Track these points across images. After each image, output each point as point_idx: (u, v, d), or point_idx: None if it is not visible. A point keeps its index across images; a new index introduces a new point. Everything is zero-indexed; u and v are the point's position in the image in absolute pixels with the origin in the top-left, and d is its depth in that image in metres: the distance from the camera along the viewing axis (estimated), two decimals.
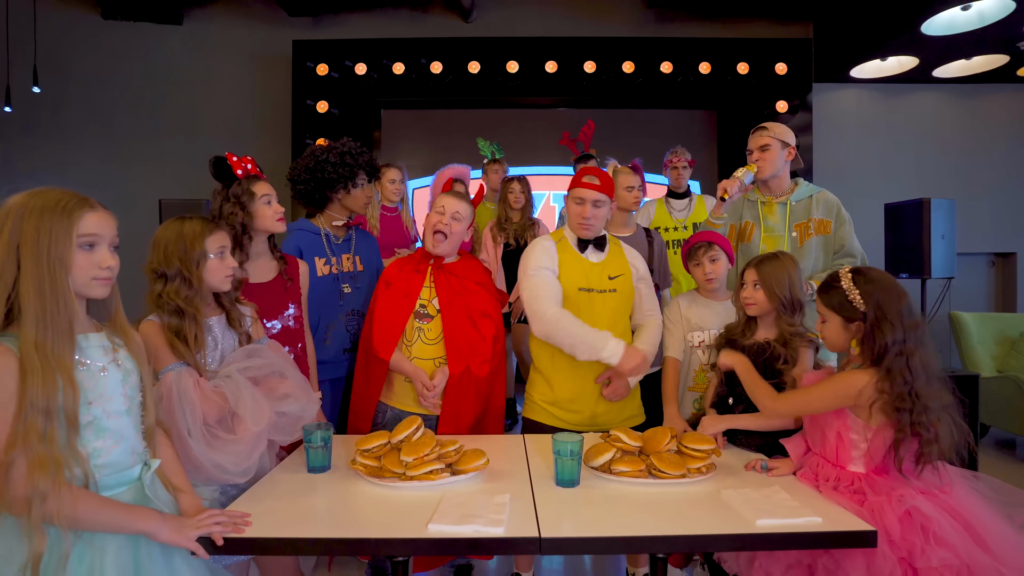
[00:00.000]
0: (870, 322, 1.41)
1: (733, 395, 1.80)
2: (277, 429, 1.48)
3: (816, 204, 2.28)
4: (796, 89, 4.81)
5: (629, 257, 2.07)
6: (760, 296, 1.79)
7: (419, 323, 1.99)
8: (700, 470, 1.47)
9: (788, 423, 1.66)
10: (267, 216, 1.88)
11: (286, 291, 1.93)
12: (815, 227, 2.26)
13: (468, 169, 3.58)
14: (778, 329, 1.79)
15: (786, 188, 2.34)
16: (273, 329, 1.89)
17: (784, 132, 2.30)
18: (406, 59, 4.74)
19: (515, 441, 1.82)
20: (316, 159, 2.22)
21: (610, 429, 1.92)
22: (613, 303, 1.98)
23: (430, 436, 1.48)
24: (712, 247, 2.02)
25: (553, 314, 1.86)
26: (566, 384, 1.97)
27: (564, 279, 1.96)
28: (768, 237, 2.31)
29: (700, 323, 2.06)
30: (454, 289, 2.01)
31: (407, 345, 1.99)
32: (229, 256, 1.53)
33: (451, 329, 1.96)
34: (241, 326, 1.56)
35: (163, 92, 5.08)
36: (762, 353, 1.75)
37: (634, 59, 4.76)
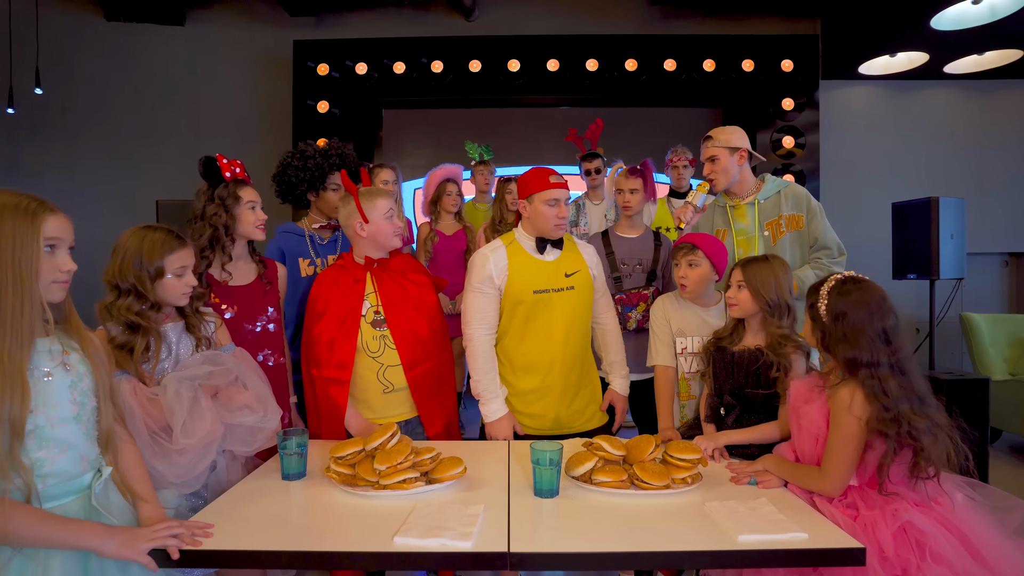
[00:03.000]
0: (828, 333, 1.39)
1: (724, 405, 1.74)
2: (234, 440, 1.44)
3: (785, 199, 2.21)
4: (803, 86, 4.71)
5: (584, 253, 2.04)
6: (744, 297, 1.73)
7: (379, 331, 1.90)
8: (685, 480, 1.42)
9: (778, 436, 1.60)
10: (249, 222, 1.86)
11: (265, 294, 1.91)
12: (787, 223, 2.19)
13: (460, 169, 3.53)
14: (766, 333, 1.73)
15: (751, 188, 2.26)
16: (253, 333, 1.86)
17: (730, 137, 2.21)
18: (407, 58, 4.71)
19: (499, 447, 1.78)
20: (282, 163, 2.25)
21: (572, 433, 1.90)
22: (572, 301, 1.94)
23: (405, 443, 1.43)
24: (694, 251, 1.93)
25: (476, 344, 1.94)
26: (527, 383, 1.96)
27: (517, 284, 1.92)
28: (741, 240, 2.24)
29: (682, 328, 2.00)
30: (399, 286, 1.96)
31: (374, 356, 1.89)
32: (189, 275, 1.49)
33: (401, 330, 1.91)
34: (200, 331, 1.53)
35: (165, 93, 5.09)
36: (754, 362, 1.69)
37: (637, 57, 4.70)
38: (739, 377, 1.72)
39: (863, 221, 4.80)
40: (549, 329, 1.92)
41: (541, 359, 1.93)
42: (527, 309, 1.92)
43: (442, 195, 3.45)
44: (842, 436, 1.32)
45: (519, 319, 1.94)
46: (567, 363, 1.93)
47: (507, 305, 1.95)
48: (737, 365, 1.72)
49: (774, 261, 1.75)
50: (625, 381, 2.07)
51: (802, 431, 1.42)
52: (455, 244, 3.48)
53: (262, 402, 1.53)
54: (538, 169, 1.96)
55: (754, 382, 1.69)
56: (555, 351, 1.92)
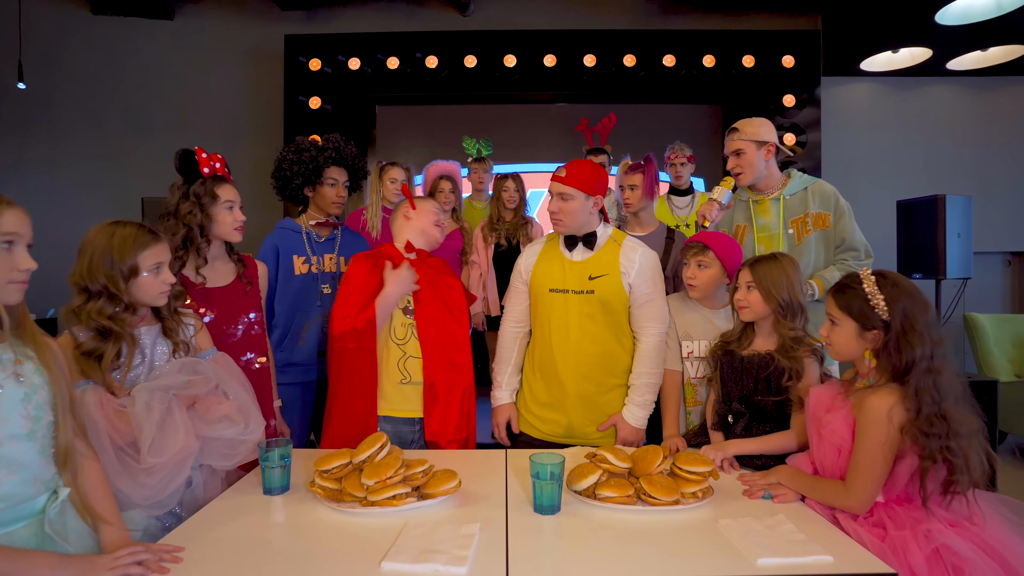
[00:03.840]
0: (895, 333, 1.26)
1: (732, 412, 1.65)
2: (213, 453, 1.34)
3: (812, 197, 2.10)
4: (804, 83, 4.63)
5: (623, 257, 1.83)
6: (754, 298, 1.64)
7: (408, 319, 1.85)
8: (695, 495, 1.32)
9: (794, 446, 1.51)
10: (226, 223, 1.74)
11: (246, 295, 1.80)
12: (813, 222, 2.08)
13: (457, 166, 3.43)
14: (778, 336, 1.64)
15: (777, 183, 2.15)
16: (234, 336, 1.76)
17: (757, 130, 2.10)
18: (401, 53, 4.60)
19: (496, 457, 1.68)
20: (280, 157, 2.16)
21: (587, 443, 1.80)
22: (591, 305, 1.81)
23: (395, 456, 1.33)
24: (705, 252, 1.82)
25: (500, 332, 2.00)
26: (542, 386, 1.89)
27: (538, 280, 1.87)
28: (763, 237, 2.14)
29: (689, 331, 1.90)
30: (433, 281, 1.90)
31: (399, 344, 1.83)
32: (166, 271, 1.38)
33: (427, 322, 1.83)
34: (178, 335, 1.43)
35: (154, 88, 4.97)
36: (764, 367, 1.59)
37: (635, 52, 4.61)
38: (748, 383, 1.62)
39: (864, 219, 4.62)
40: (564, 332, 1.83)
41: (554, 362, 1.84)
42: (544, 308, 1.86)
43: (436, 192, 3.34)
44: (872, 447, 1.22)
45: (539, 317, 1.89)
46: (581, 371, 1.82)
47: (532, 302, 1.93)
48: (746, 371, 1.63)
49: (783, 259, 1.66)
50: (639, 411, 1.82)
51: (823, 441, 1.32)
52: (451, 243, 3.36)
53: (244, 413, 1.43)
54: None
55: (764, 389, 1.60)
56: (568, 356, 1.82)
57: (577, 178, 1.79)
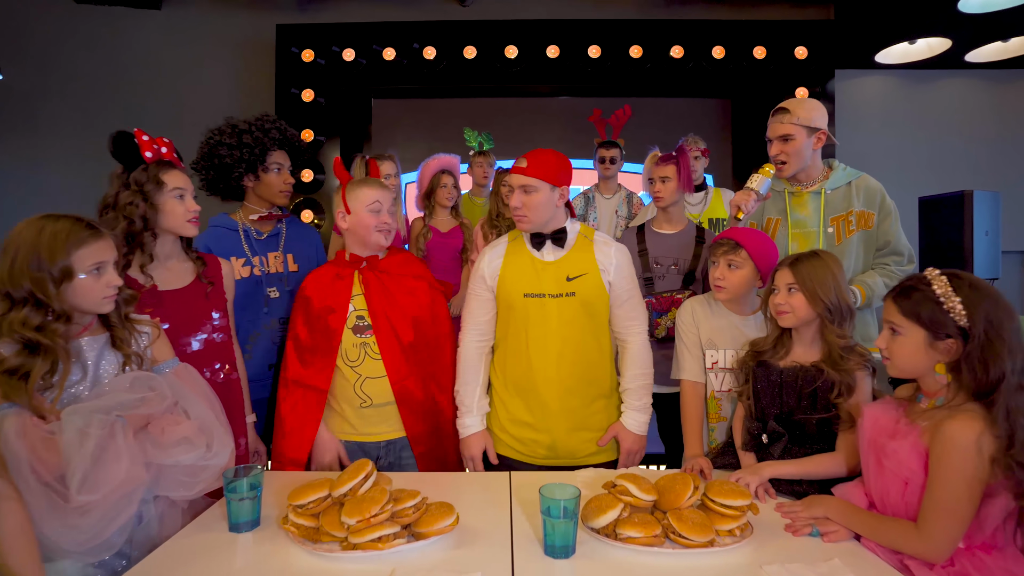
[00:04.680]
0: (978, 343, 1.06)
1: (767, 431, 1.46)
2: (169, 483, 1.15)
3: (856, 193, 1.89)
4: (817, 75, 4.43)
5: (599, 254, 1.69)
6: (797, 302, 1.44)
7: (361, 337, 1.67)
8: (732, 533, 1.14)
9: (843, 471, 1.32)
10: (176, 214, 1.53)
11: (207, 298, 1.60)
12: (856, 221, 1.87)
13: (456, 160, 3.24)
14: (823, 345, 1.45)
15: (818, 175, 1.95)
16: (192, 346, 1.55)
17: (811, 114, 1.88)
18: (397, 44, 4.41)
19: (498, 482, 1.49)
20: (209, 141, 1.90)
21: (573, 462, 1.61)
22: (572, 309, 1.65)
23: (382, 488, 1.14)
24: (737, 251, 1.64)
25: (461, 350, 1.76)
26: (519, 403, 1.70)
27: (508, 285, 1.67)
28: (798, 234, 1.93)
29: (714, 338, 1.71)
30: (387, 290, 1.70)
31: (352, 366, 1.67)
32: (111, 272, 1.20)
33: (387, 338, 1.67)
34: (129, 346, 1.24)
35: (139, 80, 4.78)
36: (809, 382, 1.40)
37: (642, 43, 4.41)
38: (789, 399, 1.43)
39: None
40: (543, 341, 1.64)
41: (533, 376, 1.66)
42: (518, 316, 1.67)
43: (436, 187, 3.16)
44: (956, 482, 1.02)
45: (512, 327, 1.69)
46: (564, 383, 1.65)
47: (500, 310, 1.72)
48: (786, 385, 1.44)
49: (826, 257, 1.47)
50: (640, 416, 1.69)
51: (884, 472, 1.13)
52: (450, 241, 3.19)
53: (207, 433, 1.24)
54: None
55: (808, 406, 1.40)
56: (549, 368, 1.64)
57: (540, 168, 1.61)
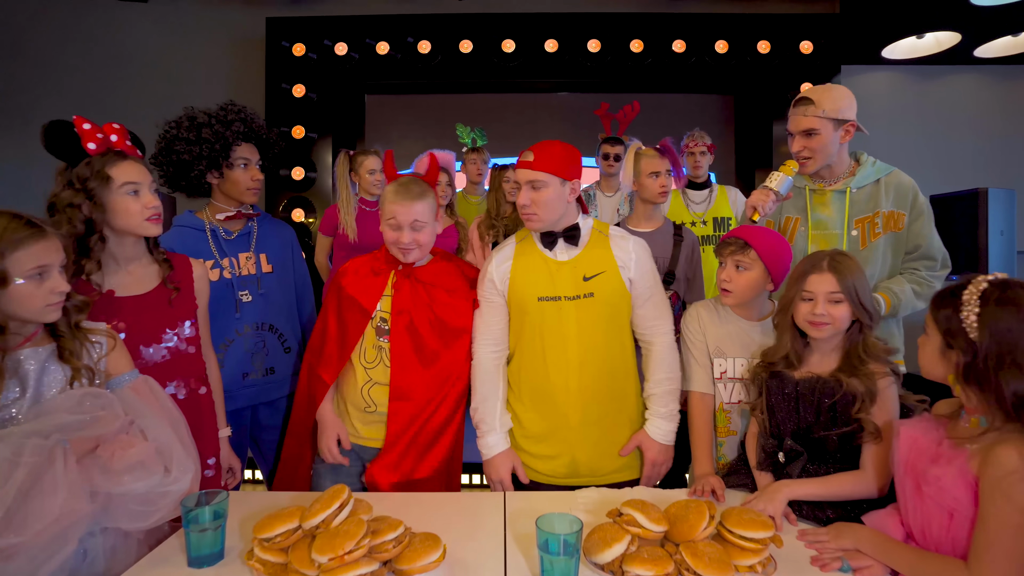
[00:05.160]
0: (981, 357, 0.97)
1: (783, 449, 1.33)
2: (121, 513, 1.03)
3: (886, 191, 1.74)
4: (822, 71, 4.32)
5: (617, 250, 1.57)
6: (840, 312, 1.30)
7: (381, 341, 1.58)
8: (754, 569, 1.02)
9: (872, 490, 1.19)
10: (131, 212, 1.36)
11: (171, 304, 1.45)
12: (884, 222, 1.72)
13: (452, 156, 3.12)
14: (842, 354, 1.33)
15: (844, 171, 1.79)
16: (153, 359, 1.41)
17: (837, 105, 1.71)
18: (391, 38, 4.29)
19: (489, 504, 1.36)
20: (165, 136, 1.74)
21: (596, 480, 1.49)
22: (592, 311, 1.53)
23: (358, 520, 1.02)
24: (746, 251, 1.51)
25: (476, 362, 1.63)
26: (534, 417, 1.58)
27: (520, 289, 1.55)
28: (818, 236, 1.78)
29: (722, 346, 1.58)
30: (418, 300, 1.59)
31: (367, 368, 1.57)
32: (56, 277, 1.08)
33: (398, 351, 1.56)
34: (79, 358, 1.11)
35: (126, 75, 4.65)
36: (828, 395, 1.28)
37: (643, 37, 4.30)
38: (807, 414, 1.31)
39: None
40: (561, 348, 1.52)
41: (550, 387, 1.53)
42: (532, 321, 1.54)
43: None
44: (1012, 517, 0.90)
45: (526, 334, 1.57)
46: (585, 393, 1.52)
47: (513, 316, 1.60)
48: (803, 398, 1.32)
49: (853, 258, 1.36)
50: (666, 424, 1.57)
51: (924, 501, 1.01)
52: (444, 241, 3.06)
53: (165, 456, 1.11)
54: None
55: (828, 421, 1.28)
56: (568, 376, 1.52)
57: (549, 161, 1.49)
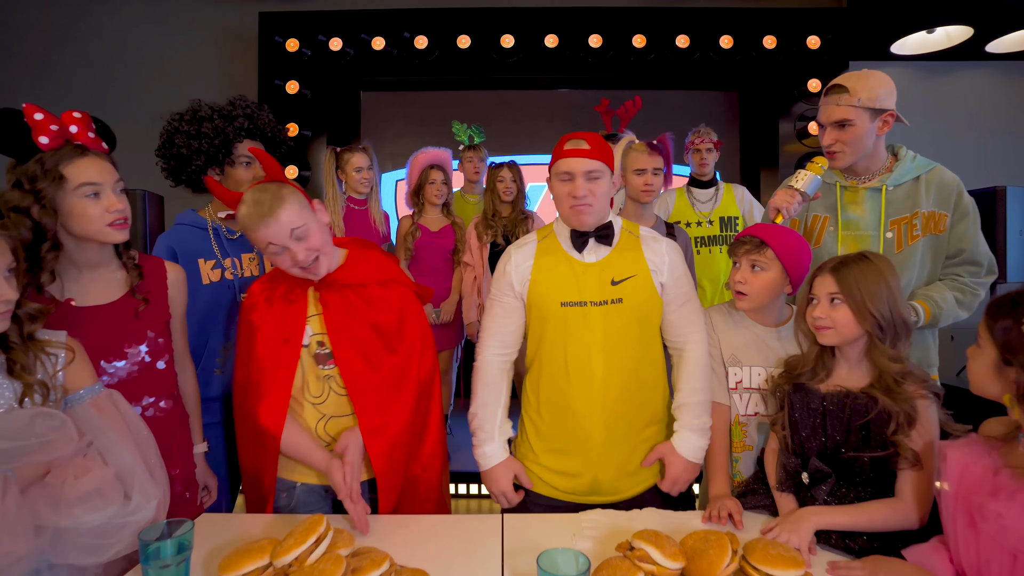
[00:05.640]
0: None
1: (807, 470, 1.22)
2: (72, 548, 0.92)
3: (927, 189, 1.60)
4: (830, 66, 4.21)
5: (649, 252, 1.45)
6: (842, 316, 1.21)
7: (324, 369, 1.37)
8: None
9: (913, 522, 1.08)
10: (90, 217, 1.21)
11: (137, 317, 1.32)
12: (923, 224, 1.58)
13: (447, 154, 3.02)
14: (871, 367, 1.21)
15: (880, 167, 1.64)
16: (120, 375, 1.29)
17: (875, 92, 1.54)
18: (387, 33, 4.17)
19: (487, 528, 1.25)
20: (167, 130, 1.67)
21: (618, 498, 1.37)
22: (620, 319, 1.40)
23: (335, 557, 0.90)
24: (762, 250, 1.40)
25: (479, 364, 1.51)
26: (554, 431, 1.44)
27: (541, 292, 1.41)
28: (849, 238, 1.65)
29: (737, 354, 1.47)
30: (353, 309, 1.39)
31: (316, 403, 1.38)
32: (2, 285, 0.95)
33: (351, 371, 1.36)
34: (31, 373, 0.99)
35: (114, 72, 4.54)
36: (860, 412, 1.16)
37: (646, 32, 4.19)
38: (835, 432, 1.20)
39: None
40: (585, 357, 1.39)
41: (572, 400, 1.40)
42: (555, 328, 1.40)
43: (425, 183, 2.94)
44: None
45: (547, 342, 1.43)
46: (611, 407, 1.39)
47: (532, 321, 1.46)
48: (830, 415, 1.20)
49: (878, 261, 1.23)
50: (696, 439, 1.42)
51: (981, 538, 0.90)
52: (440, 241, 2.96)
53: (126, 482, 1.00)
54: (564, 136, 1.43)
55: (859, 440, 1.17)
56: (593, 391, 1.39)
57: (602, 151, 1.37)
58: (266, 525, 1.26)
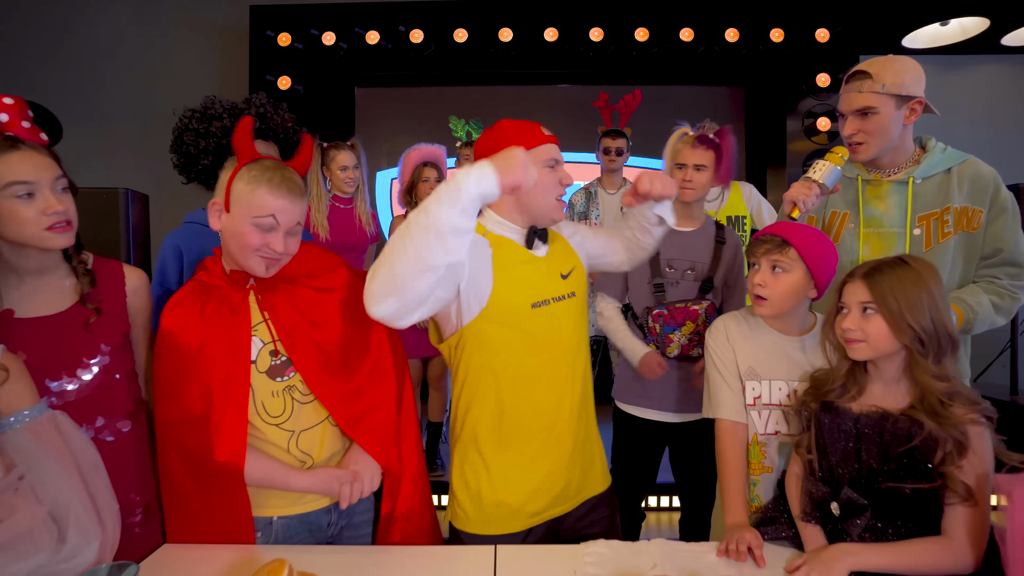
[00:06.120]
0: None
1: (839, 499, 1.08)
2: None
3: (959, 182, 1.46)
4: (839, 61, 4.07)
5: (568, 238, 1.42)
6: (876, 328, 1.07)
7: (281, 381, 1.22)
8: None
9: (967, 564, 0.95)
10: (22, 220, 1.07)
11: (88, 329, 1.17)
12: (955, 220, 1.44)
13: (442, 150, 2.89)
14: (911, 385, 1.08)
15: (907, 159, 1.51)
16: (66, 395, 1.15)
17: (900, 78, 1.42)
18: (381, 26, 4.05)
19: (478, 562, 1.12)
20: (180, 124, 1.58)
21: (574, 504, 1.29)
22: (576, 311, 1.32)
23: None
24: (784, 250, 1.27)
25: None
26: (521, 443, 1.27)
27: (508, 295, 1.23)
28: (871, 236, 1.52)
29: (755, 366, 1.33)
30: (301, 305, 1.25)
31: (279, 423, 1.22)
32: None
33: (315, 375, 1.22)
34: None
35: (102, 67, 4.42)
36: (901, 438, 1.02)
37: (648, 25, 4.05)
38: (870, 458, 1.06)
39: None
40: (556, 358, 1.27)
41: (547, 409, 1.27)
42: (525, 337, 1.24)
43: (418, 181, 2.82)
44: None
45: (515, 353, 1.25)
46: (576, 407, 1.30)
47: (489, 332, 1.23)
48: (865, 438, 1.07)
49: (919, 265, 1.09)
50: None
51: None
52: None
53: (61, 521, 0.87)
54: (519, 121, 1.29)
55: (902, 469, 1.03)
56: (563, 389, 1.28)
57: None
58: (233, 557, 1.14)
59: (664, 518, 2.84)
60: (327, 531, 1.30)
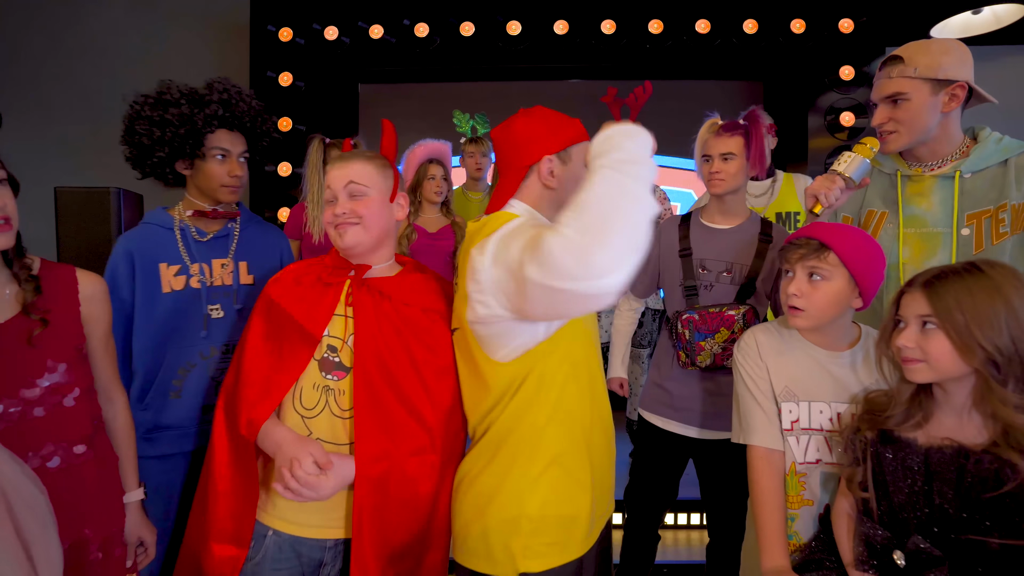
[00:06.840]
0: None
1: (904, 548, 0.92)
2: None
3: (1017, 176, 1.30)
4: (864, 52, 3.90)
5: None
6: (937, 347, 0.91)
7: (327, 377, 1.14)
8: None
9: None
10: None
11: (32, 343, 1.04)
12: (1013, 219, 1.29)
13: (447, 147, 2.76)
14: (990, 415, 0.91)
15: (952, 150, 1.37)
16: (6, 420, 1.01)
17: (937, 60, 1.30)
18: (385, 20, 3.93)
19: None
20: (131, 111, 1.45)
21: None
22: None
23: None
24: (822, 254, 1.12)
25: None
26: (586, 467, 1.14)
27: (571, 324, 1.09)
28: (913, 236, 1.37)
29: (790, 385, 1.17)
30: (386, 322, 1.16)
31: (305, 416, 1.13)
32: None
33: (364, 394, 1.10)
34: None
35: (101, 63, 4.35)
36: (985, 480, 0.86)
37: (663, 17, 3.91)
38: (946, 502, 0.89)
39: None
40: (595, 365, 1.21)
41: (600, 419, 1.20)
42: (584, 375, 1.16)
43: (423, 179, 2.70)
44: None
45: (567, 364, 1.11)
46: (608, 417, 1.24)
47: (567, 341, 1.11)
48: (938, 478, 0.90)
49: (995, 272, 0.92)
50: None
51: None
52: (439, 243, 2.71)
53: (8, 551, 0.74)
54: (557, 114, 1.25)
55: (987, 518, 0.86)
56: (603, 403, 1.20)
57: None
58: None
59: (682, 537, 2.67)
60: (318, 571, 1.15)
